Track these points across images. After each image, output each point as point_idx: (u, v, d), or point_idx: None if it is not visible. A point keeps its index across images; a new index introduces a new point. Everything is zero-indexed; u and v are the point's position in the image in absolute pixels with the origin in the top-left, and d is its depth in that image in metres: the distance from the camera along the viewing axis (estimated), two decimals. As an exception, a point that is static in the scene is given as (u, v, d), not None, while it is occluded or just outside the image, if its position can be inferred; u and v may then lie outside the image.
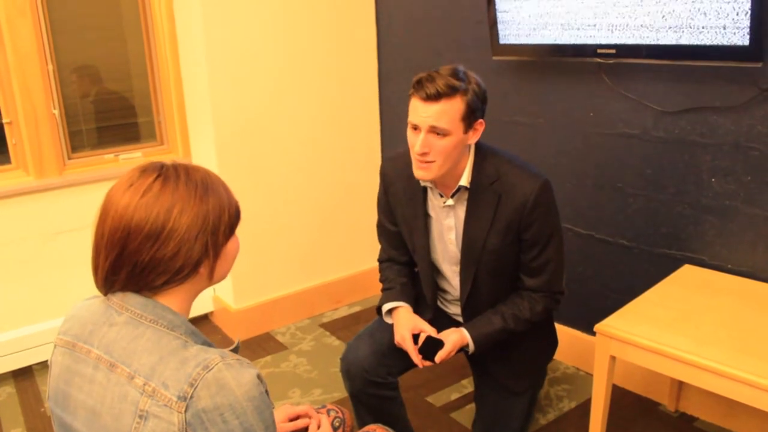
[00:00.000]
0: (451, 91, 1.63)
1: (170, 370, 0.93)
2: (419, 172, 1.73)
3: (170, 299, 1.03)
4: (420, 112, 1.66)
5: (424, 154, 1.68)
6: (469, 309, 1.92)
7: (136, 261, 0.97)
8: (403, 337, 1.82)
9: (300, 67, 2.92)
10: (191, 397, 0.91)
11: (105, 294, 1.04)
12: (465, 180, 1.77)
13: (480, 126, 1.73)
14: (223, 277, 1.10)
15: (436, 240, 1.90)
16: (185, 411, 0.91)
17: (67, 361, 1.03)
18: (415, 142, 1.68)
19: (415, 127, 1.69)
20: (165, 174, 1.01)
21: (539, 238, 1.78)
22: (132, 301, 1.00)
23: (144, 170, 1.02)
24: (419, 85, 1.66)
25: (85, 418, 0.99)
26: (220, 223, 1.03)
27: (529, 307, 1.84)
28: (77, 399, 1.01)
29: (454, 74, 1.66)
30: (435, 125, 1.64)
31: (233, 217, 1.07)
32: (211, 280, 1.07)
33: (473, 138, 1.74)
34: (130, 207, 0.97)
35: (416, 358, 1.80)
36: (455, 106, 1.64)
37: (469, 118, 1.68)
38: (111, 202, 1.00)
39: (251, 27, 2.74)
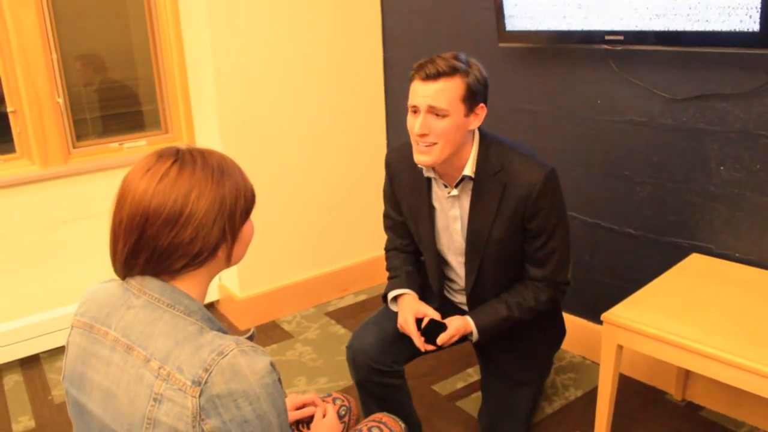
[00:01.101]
0: (451, 71, 1.63)
1: (185, 355, 0.94)
2: (419, 157, 1.70)
3: (188, 282, 1.03)
4: (419, 92, 1.65)
5: (423, 135, 1.66)
6: (475, 299, 1.91)
7: (155, 246, 0.98)
8: (405, 319, 1.82)
9: (305, 55, 2.91)
10: (206, 382, 0.92)
11: (123, 278, 1.05)
12: (469, 170, 1.76)
13: (481, 111, 1.71)
14: (239, 260, 1.10)
15: (441, 231, 1.90)
16: (199, 396, 0.91)
17: (85, 342, 1.04)
18: (414, 124, 1.67)
19: (415, 110, 1.67)
20: (182, 159, 1.01)
21: (544, 228, 1.77)
22: (150, 285, 1.01)
23: (160, 155, 1.02)
24: (420, 67, 1.65)
25: (101, 399, 1.00)
26: (237, 207, 1.04)
27: (534, 297, 1.83)
28: (93, 380, 1.01)
29: (456, 57, 1.66)
30: (434, 105, 1.63)
31: (249, 201, 1.07)
32: (228, 262, 1.08)
33: (474, 123, 1.72)
34: (147, 192, 0.97)
35: (418, 341, 1.80)
36: (455, 85, 1.63)
37: (469, 100, 1.66)
38: (128, 188, 1.00)
39: (256, 14, 2.72)
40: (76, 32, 2.72)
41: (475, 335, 1.83)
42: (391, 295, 1.93)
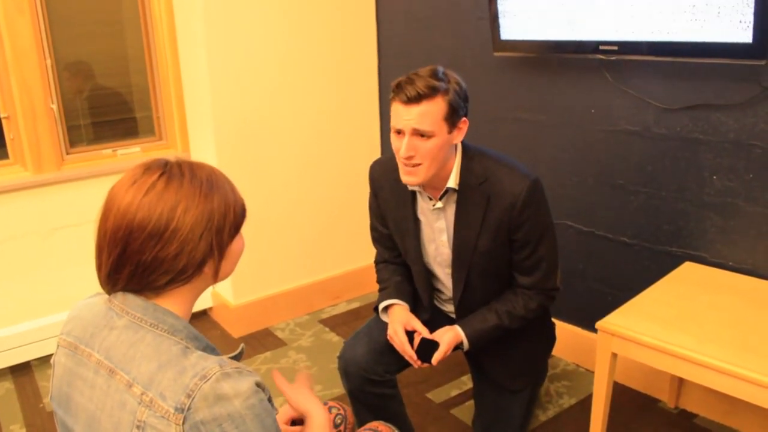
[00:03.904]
0: (431, 92, 1.60)
1: (168, 380, 0.91)
2: (407, 177, 1.70)
3: (173, 300, 1.00)
4: (402, 115, 1.63)
5: (409, 157, 1.65)
6: (463, 309, 1.91)
7: (138, 260, 0.95)
8: (395, 330, 1.81)
9: (300, 63, 2.91)
10: (189, 408, 0.89)
11: (109, 292, 1.02)
12: (453, 182, 1.75)
13: (464, 125, 1.71)
14: (227, 276, 1.08)
15: (427, 243, 1.89)
16: (183, 423, 0.88)
17: (70, 363, 1.02)
18: (400, 146, 1.66)
19: (399, 132, 1.66)
20: (169, 172, 0.98)
21: (530, 237, 1.77)
22: (132, 303, 0.99)
23: (147, 168, 0.99)
24: (399, 88, 1.63)
25: (86, 422, 0.98)
26: (225, 222, 1.01)
27: (524, 304, 1.83)
28: (78, 402, 0.99)
29: (434, 75, 1.63)
30: (418, 128, 1.62)
31: (239, 216, 1.04)
32: (215, 279, 1.05)
33: (458, 137, 1.72)
34: (132, 205, 0.95)
35: (406, 353, 1.79)
36: (437, 106, 1.62)
37: (452, 118, 1.65)
38: (113, 200, 0.97)
39: (252, 22, 2.72)
40: (71, 39, 2.72)
41: (466, 345, 1.83)
42: (381, 306, 1.93)
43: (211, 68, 2.66)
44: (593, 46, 2.15)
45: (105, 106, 2.90)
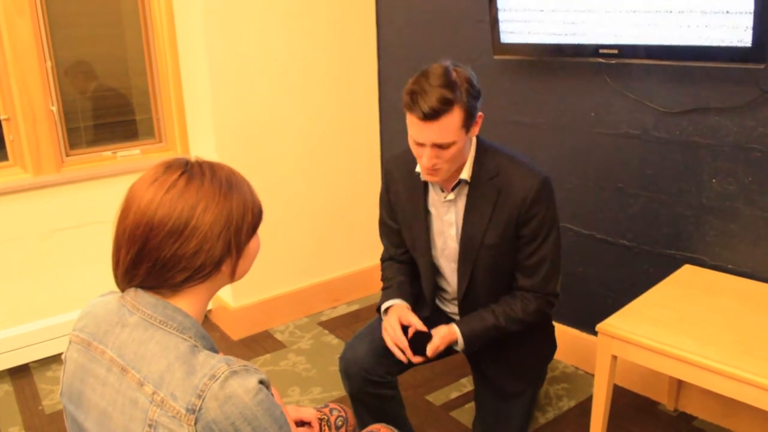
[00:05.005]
0: (447, 106, 1.59)
1: (178, 380, 0.92)
2: (429, 178, 1.74)
3: (189, 298, 1.02)
4: (421, 130, 1.63)
5: (433, 165, 1.67)
6: (466, 307, 1.92)
7: (157, 257, 0.96)
8: (389, 322, 1.82)
9: (301, 65, 2.91)
10: (200, 409, 0.90)
11: (124, 289, 1.03)
12: (466, 174, 1.78)
13: (479, 119, 1.72)
14: (243, 275, 1.09)
15: (436, 236, 1.91)
16: (195, 423, 0.89)
17: (82, 359, 1.03)
18: (421, 154, 1.67)
19: (419, 143, 1.67)
20: (190, 171, 1.00)
21: (537, 234, 1.78)
22: (143, 300, 1.00)
23: (169, 166, 1.01)
24: (413, 102, 1.60)
25: (97, 419, 0.99)
26: (244, 223, 1.03)
27: (522, 307, 1.83)
28: (90, 399, 1.00)
29: (446, 83, 1.60)
30: (439, 142, 1.63)
31: (256, 217, 1.07)
32: (232, 278, 1.06)
33: (475, 132, 1.74)
34: (153, 203, 0.96)
35: (399, 341, 1.78)
36: (454, 117, 1.61)
37: (468, 121, 1.66)
38: (134, 197, 0.99)
39: (252, 24, 2.73)
40: (70, 40, 2.72)
41: (461, 343, 1.83)
42: (383, 306, 1.94)
43: (211, 70, 2.66)
44: (593, 50, 2.15)
45: (105, 108, 2.90)
